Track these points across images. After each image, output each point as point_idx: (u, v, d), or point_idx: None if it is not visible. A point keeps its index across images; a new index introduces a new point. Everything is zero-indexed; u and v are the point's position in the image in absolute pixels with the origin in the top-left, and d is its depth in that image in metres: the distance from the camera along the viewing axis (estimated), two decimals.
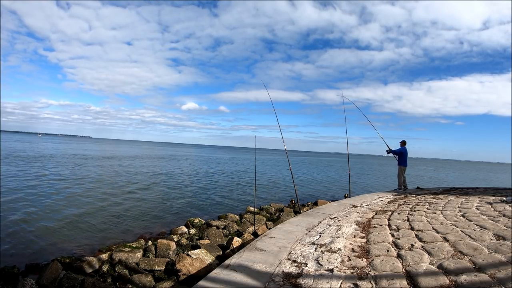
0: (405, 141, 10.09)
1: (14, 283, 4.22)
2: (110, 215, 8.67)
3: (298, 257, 3.31)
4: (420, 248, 3.20)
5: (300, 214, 5.95)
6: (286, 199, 12.83)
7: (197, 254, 4.86)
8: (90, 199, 10.58)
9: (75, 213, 8.65)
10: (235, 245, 5.56)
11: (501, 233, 3.43)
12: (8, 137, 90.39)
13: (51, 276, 4.34)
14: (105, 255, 5.10)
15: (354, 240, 3.73)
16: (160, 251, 5.44)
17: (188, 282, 4.17)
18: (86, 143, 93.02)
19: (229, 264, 3.11)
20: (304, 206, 10.42)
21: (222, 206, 11.10)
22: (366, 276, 2.65)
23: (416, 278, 2.49)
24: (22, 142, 62.54)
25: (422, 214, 4.96)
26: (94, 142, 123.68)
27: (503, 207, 5.11)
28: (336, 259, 3.09)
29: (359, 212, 5.60)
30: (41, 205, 9.30)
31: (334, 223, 4.83)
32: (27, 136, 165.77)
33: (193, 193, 13.41)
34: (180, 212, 9.76)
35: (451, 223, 4.18)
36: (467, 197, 6.87)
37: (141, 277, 4.46)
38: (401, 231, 3.92)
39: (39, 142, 71.44)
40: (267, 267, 3.03)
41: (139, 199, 11.32)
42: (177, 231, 7.02)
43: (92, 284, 4.18)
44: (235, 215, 8.58)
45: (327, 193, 15.74)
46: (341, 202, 7.26)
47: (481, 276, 2.37)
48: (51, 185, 12.88)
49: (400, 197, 7.67)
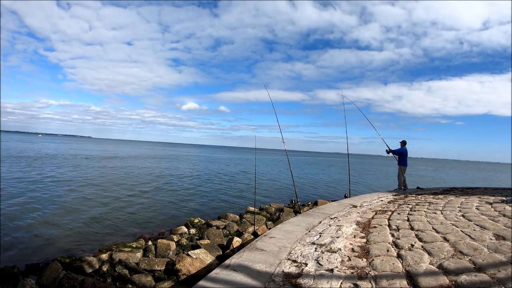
0: (405, 141, 10.08)
1: (14, 283, 4.22)
2: (110, 215, 8.67)
3: (298, 257, 3.31)
4: (420, 248, 3.20)
5: (300, 214, 5.95)
6: (286, 199, 12.83)
7: (197, 254, 4.86)
8: (90, 199, 10.58)
9: (75, 213, 8.65)
10: (235, 245, 5.56)
11: (501, 233, 3.43)
12: (8, 137, 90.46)
13: (51, 276, 4.34)
14: (105, 255, 5.10)
15: (354, 240, 3.73)
16: (160, 251, 5.44)
17: (188, 282, 4.17)
18: (87, 143, 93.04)
19: (229, 264, 3.11)
20: (304, 206, 10.42)
21: (222, 206, 11.11)
22: (366, 276, 2.65)
23: (416, 278, 2.49)
24: (23, 142, 62.61)
25: (422, 214, 4.96)
26: (95, 142, 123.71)
27: (503, 207, 5.11)
28: (336, 259, 3.08)
29: (359, 212, 5.60)
30: (41, 205, 9.29)
31: (334, 223, 4.83)
32: (27, 136, 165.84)
33: (193, 193, 13.41)
34: (180, 212, 9.76)
35: (451, 223, 4.17)
36: (467, 197, 6.87)
37: (141, 277, 4.46)
38: (401, 231, 3.92)
39: (39, 142, 71.47)
40: (267, 267, 3.03)
41: (139, 199, 11.32)
42: (177, 231, 7.02)
43: (92, 284, 4.19)
44: (235, 215, 8.58)
45: (327, 193, 15.74)
46: (341, 202, 7.26)
47: (481, 276, 2.37)
48: (51, 185, 12.88)
49: (400, 197, 7.67)
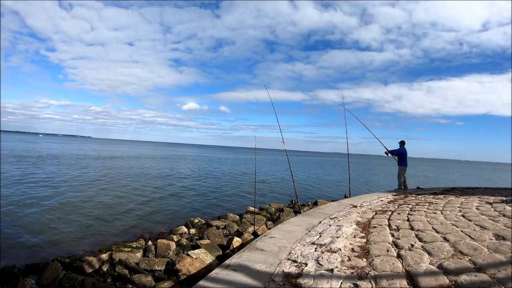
0: (404, 141, 10.09)
1: (14, 283, 4.22)
2: (110, 215, 8.67)
3: (298, 257, 3.31)
4: (420, 248, 3.20)
5: (300, 214, 5.95)
6: (286, 199, 12.83)
7: (197, 254, 4.86)
8: (90, 199, 10.58)
9: (75, 213, 8.66)
10: (235, 245, 5.56)
11: (501, 233, 3.43)
12: (10, 137, 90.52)
13: (51, 276, 4.34)
14: (105, 255, 5.10)
15: (354, 240, 3.73)
16: (160, 251, 5.45)
17: (188, 282, 4.17)
18: (88, 143, 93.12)
19: (229, 264, 3.11)
20: (304, 206, 10.42)
21: (222, 206, 11.11)
22: (366, 276, 2.65)
23: (416, 278, 2.49)
24: (26, 142, 62.73)
25: (422, 214, 4.95)
26: (95, 142, 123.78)
27: (503, 207, 5.10)
28: (336, 259, 3.08)
29: (359, 212, 5.60)
30: (42, 205, 9.30)
31: (334, 223, 4.83)
32: (28, 136, 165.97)
33: (193, 193, 13.41)
34: (180, 212, 9.76)
35: (451, 223, 4.17)
36: (467, 197, 6.86)
37: (141, 277, 4.46)
38: (401, 231, 3.92)
39: (41, 142, 71.53)
40: (267, 267, 3.03)
41: (139, 199, 11.32)
42: (177, 231, 7.02)
43: (92, 284, 4.18)
44: (235, 215, 8.58)
45: (327, 193, 15.74)
46: (341, 202, 7.26)
47: (481, 276, 2.37)
48: (51, 185, 12.88)
49: (400, 197, 7.67)
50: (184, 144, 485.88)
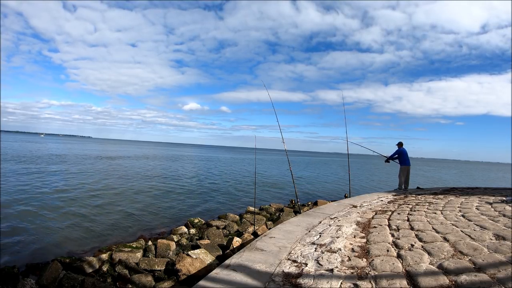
0: (402, 142, 10.10)
1: (14, 283, 4.22)
2: (110, 215, 8.67)
3: (298, 257, 3.31)
4: (420, 248, 3.19)
5: (300, 214, 5.95)
6: (286, 199, 12.83)
7: (197, 254, 4.86)
8: (90, 199, 10.58)
9: (75, 213, 8.65)
10: (235, 245, 5.56)
11: (501, 233, 3.43)
12: (11, 137, 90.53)
13: (51, 276, 4.34)
14: (105, 255, 5.10)
15: (354, 240, 3.73)
16: (160, 251, 5.45)
17: (188, 282, 4.17)
18: (89, 143, 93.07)
19: (229, 264, 3.11)
20: (304, 206, 10.42)
21: (222, 206, 11.10)
22: (366, 276, 2.65)
23: (416, 278, 2.49)
24: (29, 142, 62.80)
25: (422, 214, 4.95)
26: (96, 142, 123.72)
27: (503, 207, 5.10)
28: (336, 259, 3.08)
29: (359, 212, 5.60)
30: (42, 205, 9.29)
31: (334, 223, 4.83)
32: (29, 136, 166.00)
33: (193, 193, 13.41)
34: (180, 212, 9.76)
35: (451, 223, 4.17)
36: (467, 197, 6.86)
37: (141, 277, 4.46)
38: (401, 231, 3.92)
39: (43, 142, 71.59)
40: (267, 267, 3.03)
41: (139, 199, 11.32)
42: (177, 231, 7.02)
43: (92, 284, 4.19)
44: (235, 215, 8.58)
45: (327, 193, 15.73)
46: (341, 202, 7.26)
47: (481, 276, 2.37)
48: (52, 185, 12.88)
49: (400, 197, 7.67)
50: (184, 144, 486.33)
